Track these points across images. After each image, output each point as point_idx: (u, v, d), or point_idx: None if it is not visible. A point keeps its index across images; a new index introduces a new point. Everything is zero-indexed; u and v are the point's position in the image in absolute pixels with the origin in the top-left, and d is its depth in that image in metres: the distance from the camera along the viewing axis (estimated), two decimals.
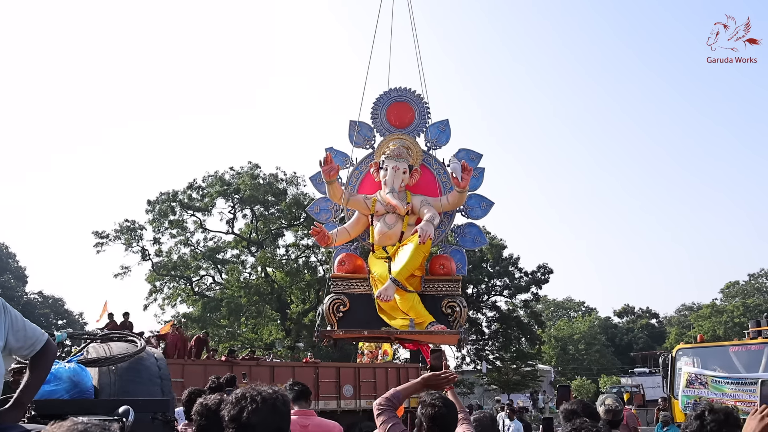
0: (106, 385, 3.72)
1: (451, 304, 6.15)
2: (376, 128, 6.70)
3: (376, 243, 6.26)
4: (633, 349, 58.93)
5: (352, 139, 6.64)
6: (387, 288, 5.81)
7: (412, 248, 5.88)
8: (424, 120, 6.75)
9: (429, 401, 2.95)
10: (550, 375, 49.50)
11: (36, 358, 2.92)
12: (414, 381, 3.33)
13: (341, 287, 6.08)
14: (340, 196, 6.30)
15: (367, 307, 6.07)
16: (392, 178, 6.25)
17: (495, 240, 35.80)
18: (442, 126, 6.80)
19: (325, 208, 6.63)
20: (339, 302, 5.97)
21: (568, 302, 74.46)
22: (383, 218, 6.28)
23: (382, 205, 6.27)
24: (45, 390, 3.25)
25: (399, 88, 6.81)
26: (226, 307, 30.93)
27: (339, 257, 6.39)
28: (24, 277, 52.20)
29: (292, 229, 32.89)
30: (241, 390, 2.04)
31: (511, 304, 37.53)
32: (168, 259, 33.26)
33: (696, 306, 67.05)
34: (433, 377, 3.27)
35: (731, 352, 13.12)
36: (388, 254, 6.19)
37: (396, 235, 6.24)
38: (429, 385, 3.27)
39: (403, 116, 6.70)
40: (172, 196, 32.73)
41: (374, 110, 6.73)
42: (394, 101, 6.74)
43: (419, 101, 6.77)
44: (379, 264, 6.13)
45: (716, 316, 56.23)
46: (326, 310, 5.99)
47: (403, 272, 5.84)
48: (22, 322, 2.90)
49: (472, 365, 37.39)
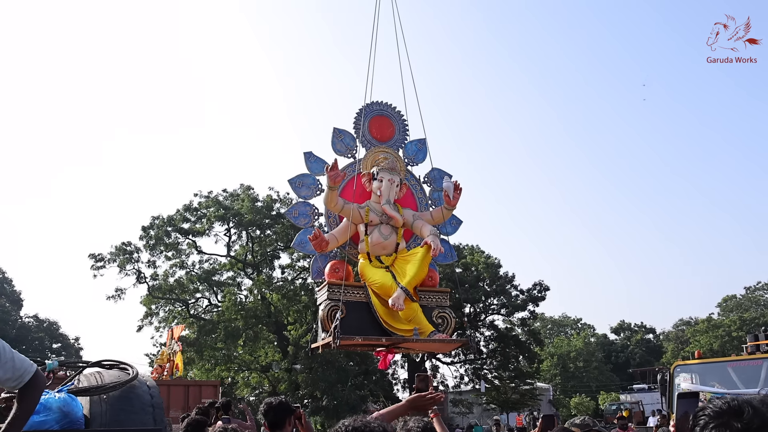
0: (98, 414, 3.66)
1: (441, 314, 6.34)
2: (358, 139, 6.75)
3: (371, 252, 6.28)
4: (630, 366, 58.71)
5: (335, 146, 6.67)
6: (399, 297, 5.86)
7: (420, 259, 6.05)
8: (403, 136, 6.94)
9: (412, 426, 2.86)
10: (548, 393, 49.20)
11: (24, 390, 2.87)
12: (399, 404, 3.26)
13: (336, 294, 6.02)
14: (335, 203, 6.28)
15: (364, 315, 6.05)
16: (388, 190, 6.37)
17: (490, 259, 35.75)
18: (420, 144, 7.04)
19: (304, 212, 6.62)
20: (336, 309, 5.93)
21: (564, 319, 74.27)
22: (378, 228, 6.32)
23: (376, 215, 6.32)
24: (34, 421, 3.20)
25: (381, 102, 6.90)
26: (222, 329, 30.73)
27: (331, 264, 6.35)
28: (19, 301, 51.83)
29: (288, 251, 32.82)
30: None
31: (508, 322, 37.40)
32: (164, 281, 33.11)
33: (693, 321, 66.95)
34: (419, 399, 3.21)
35: (729, 368, 13.06)
36: (384, 264, 6.23)
37: (391, 245, 6.34)
38: (415, 407, 3.20)
39: (384, 130, 6.82)
40: (166, 221, 32.67)
41: (356, 121, 6.78)
42: (376, 114, 6.82)
43: (399, 117, 6.95)
44: (379, 272, 6.14)
45: (713, 330, 56.11)
46: (323, 317, 5.95)
47: (412, 282, 5.99)
48: (10, 353, 2.87)
49: (470, 384, 37.14)
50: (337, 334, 5.66)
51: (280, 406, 3.98)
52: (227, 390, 32.93)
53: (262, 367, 32.10)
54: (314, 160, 6.59)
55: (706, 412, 1.59)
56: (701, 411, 1.62)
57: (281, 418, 3.97)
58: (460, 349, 35.93)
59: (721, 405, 1.58)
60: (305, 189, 6.61)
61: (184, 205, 33.12)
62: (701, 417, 1.60)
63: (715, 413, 1.57)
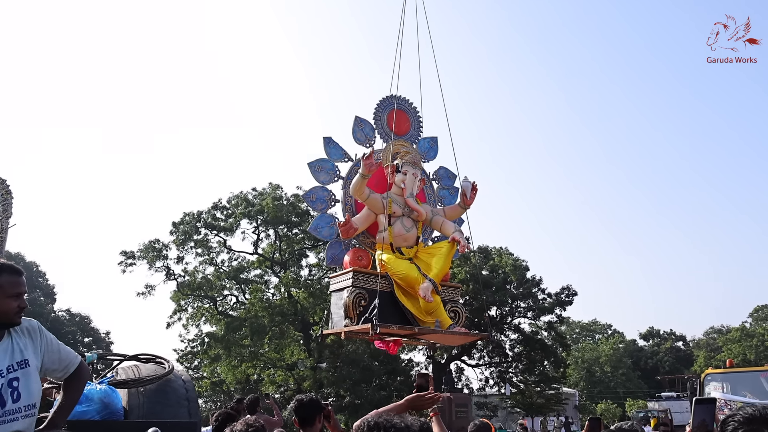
0: (135, 406, 3.79)
1: (454, 308, 6.41)
2: (377, 130, 6.79)
3: (393, 243, 6.32)
4: (659, 373, 57.77)
5: (355, 134, 6.69)
6: (427, 288, 5.93)
7: (445, 254, 6.18)
8: (417, 132, 7.02)
9: None
10: (574, 398, 48.73)
11: (69, 380, 3.00)
12: (397, 403, 3.25)
13: (361, 282, 6.01)
14: (362, 192, 6.25)
15: (387, 305, 6.00)
16: (412, 183, 6.42)
17: (518, 261, 35.53)
18: (432, 142, 7.16)
19: (321, 197, 6.56)
20: (361, 296, 5.91)
21: (593, 324, 73.42)
22: (401, 220, 6.35)
23: (399, 207, 6.35)
24: (77, 411, 3.33)
25: (399, 97, 6.91)
26: (248, 326, 31.04)
27: (353, 251, 6.37)
28: (53, 294, 52.89)
29: (316, 250, 33.01)
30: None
31: (534, 326, 37.12)
32: (192, 278, 33.55)
33: (725, 329, 65.67)
34: (418, 398, 3.20)
35: (762, 378, 12.83)
36: (406, 256, 6.27)
37: (412, 238, 6.39)
38: (413, 406, 3.20)
39: (401, 124, 6.86)
40: (196, 216, 33.14)
41: (377, 112, 6.81)
42: (394, 108, 6.85)
43: (415, 113, 7.03)
44: (404, 264, 6.15)
45: (746, 339, 55.03)
46: (348, 303, 5.91)
47: (439, 275, 6.11)
48: (56, 345, 3.00)
49: (495, 388, 36.97)
50: (375, 322, 5.65)
51: (311, 403, 4.06)
52: (253, 387, 33.27)
53: (288, 365, 32.34)
54: (333, 145, 6.58)
55: (736, 418, 1.60)
56: (731, 417, 1.64)
57: (311, 415, 4.04)
58: (485, 352, 35.83)
59: (752, 412, 1.60)
60: (324, 174, 6.55)
61: (213, 203, 33.56)
62: (730, 423, 1.62)
63: (746, 419, 1.58)
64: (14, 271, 2.83)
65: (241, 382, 33.46)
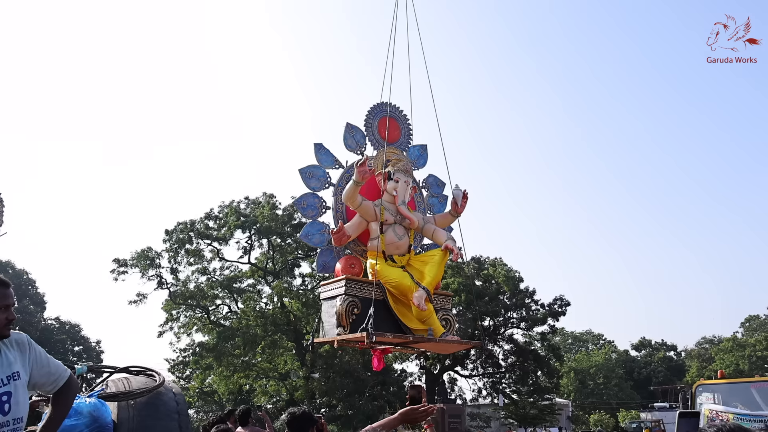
0: (125, 420, 3.73)
1: (445, 317, 6.39)
2: (368, 137, 6.78)
3: (385, 251, 6.29)
4: (651, 383, 57.88)
5: (346, 141, 6.68)
6: (421, 296, 5.90)
7: (438, 262, 6.17)
8: (407, 140, 7.02)
9: None
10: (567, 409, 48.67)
11: (58, 394, 2.98)
12: (391, 417, 3.17)
13: (354, 290, 5.96)
14: (355, 199, 6.22)
15: (380, 313, 5.94)
16: (403, 191, 6.39)
17: (511, 272, 35.55)
18: (422, 150, 7.18)
19: (312, 204, 6.55)
20: (354, 305, 5.88)
21: (586, 335, 73.48)
22: (393, 228, 6.33)
23: (391, 215, 6.32)
24: (66, 425, 3.28)
25: (390, 104, 6.93)
26: (241, 336, 30.89)
27: (345, 259, 6.35)
28: (42, 303, 52.52)
29: (309, 260, 32.96)
30: None
31: (527, 336, 37.10)
32: (185, 287, 33.39)
33: (717, 339, 65.87)
34: (411, 411, 3.16)
35: (753, 389, 12.84)
36: (397, 264, 6.25)
37: (404, 246, 6.37)
38: (407, 419, 3.17)
39: (392, 132, 6.85)
40: (189, 225, 33.02)
41: (367, 120, 6.81)
42: (385, 116, 6.85)
43: (405, 121, 7.03)
44: (397, 272, 6.14)
45: (738, 350, 55.18)
46: (341, 312, 5.86)
47: (432, 283, 6.08)
48: (46, 358, 2.97)
49: (488, 398, 36.89)
50: (371, 330, 5.62)
51: (304, 417, 4.03)
52: (246, 397, 33.06)
53: (281, 375, 32.17)
54: (324, 152, 6.59)
55: (709, 431, 1.72)
56: (702, 430, 1.76)
57: (304, 428, 4.02)
58: (478, 362, 35.75)
59: (720, 425, 1.74)
60: (315, 180, 6.53)
61: (206, 213, 33.46)
62: None
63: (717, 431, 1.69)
64: (2, 284, 2.81)
65: (234, 393, 33.24)
